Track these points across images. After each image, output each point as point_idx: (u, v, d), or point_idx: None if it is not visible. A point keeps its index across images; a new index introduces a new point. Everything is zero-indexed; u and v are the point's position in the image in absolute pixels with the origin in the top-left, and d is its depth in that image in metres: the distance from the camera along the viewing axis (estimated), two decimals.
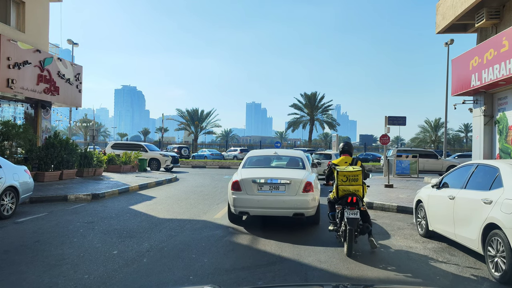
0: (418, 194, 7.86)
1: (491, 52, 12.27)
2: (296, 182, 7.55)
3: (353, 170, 6.20)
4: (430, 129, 58.78)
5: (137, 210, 9.92)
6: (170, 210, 10.14)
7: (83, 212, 9.51)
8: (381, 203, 10.72)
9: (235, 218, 8.36)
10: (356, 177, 6.17)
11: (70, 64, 17.79)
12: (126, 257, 5.78)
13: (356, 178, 6.17)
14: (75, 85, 18.12)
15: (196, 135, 55.05)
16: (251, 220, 8.92)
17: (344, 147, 7.13)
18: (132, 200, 11.74)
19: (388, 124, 21.18)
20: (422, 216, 7.47)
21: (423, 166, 24.02)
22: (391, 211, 10.39)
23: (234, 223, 8.33)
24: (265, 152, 9.97)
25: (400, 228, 8.29)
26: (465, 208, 5.81)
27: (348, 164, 6.66)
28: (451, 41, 32.18)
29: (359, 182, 6.19)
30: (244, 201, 7.65)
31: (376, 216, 9.73)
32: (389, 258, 6.09)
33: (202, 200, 12.09)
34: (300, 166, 8.83)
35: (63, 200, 11.05)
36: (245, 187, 7.65)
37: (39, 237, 6.99)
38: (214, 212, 9.91)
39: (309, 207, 7.58)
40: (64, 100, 17.39)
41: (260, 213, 7.81)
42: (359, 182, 6.20)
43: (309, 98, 53.16)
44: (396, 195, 12.60)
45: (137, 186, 14.35)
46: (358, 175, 6.19)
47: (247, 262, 5.78)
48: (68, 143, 14.89)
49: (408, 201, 11.08)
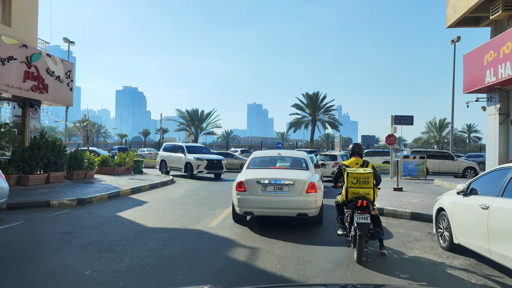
0: (439, 201, 6.92)
1: (508, 46, 11.35)
2: (300, 182, 7.66)
3: (364, 172, 5.92)
4: (435, 129, 57.74)
5: (124, 218, 9.00)
6: (161, 217, 9.22)
7: (64, 220, 8.59)
8: (392, 209, 9.78)
9: (239, 218, 8.49)
10: (367, 180, 5.88)
11: (60, 61, 16.89)
12: (99, 279, 4.86)
13: (366, 180, 5.88)
14: (65, 82, 17.22)
15: (196, 136, 54.19)
16: (252, 223, 8.03)
17: (354, 148, 6.80)
18: (121, 205, 10.83)
19: (394, 124, 20.23)
20: (445, 227, 6.52)
21: (438, 167, 23.00)
22: (404, 218, 9.45)
23: (238, 223, 8.36)
24: (269, 153, 10.14)
25: (418, 239, 7.35)
26: (505, 220, 4.86)
27: (359, 166, 6.38)
28: (457, 39, 31.23)
29: (370, 185, 5.90)
30: (248, 202, 7.79)
31: (388, 224, 8.79)
32: (402, 264, 5.56)
33: (198, 205, 11.18)
34: (303, 167, 8.91)
35: (45, 206, 10.14)
36: (249, 187, 7.78)
37: (5, 251, 6.07)
38: (209, 219, 8.99)
39: (313, 207, 7.68)
40: (54, 99, 16.49)
41: (264, 213, 7.90)
42: (370, 184, 5.90)
43: (311, 98, 52.32)
44: (407, 199, 11.65)
45: (129, 189, 13.44)
46: (369, 177, 5.90)
47: (243, 281, 4.87)
48: (55, 144, 13.94)
49: (422, 207, 10.14)
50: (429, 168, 22.70)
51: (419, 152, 23.92)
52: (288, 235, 7.50)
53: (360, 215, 5.67)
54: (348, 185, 5.96)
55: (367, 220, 5.64)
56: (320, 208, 8.06)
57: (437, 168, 22.96)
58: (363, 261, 5.65)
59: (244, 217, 8.41)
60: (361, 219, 5.64)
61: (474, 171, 22.68)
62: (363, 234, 5.55)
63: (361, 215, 5.67)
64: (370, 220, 5.71)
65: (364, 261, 5.66)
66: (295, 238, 7.28)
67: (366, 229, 5.61)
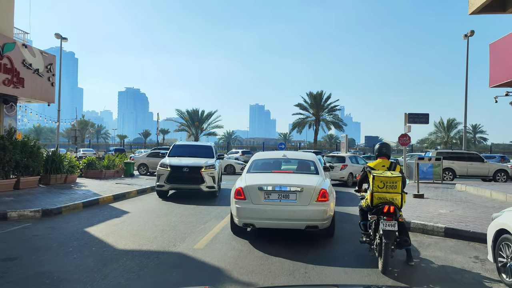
0: (499, 220, 5.16)
1: None
2: (309, 189, 6.68)
3: (391, 175, 5.49)
4: (443, 129, 55.90)
5: (92, 235, 7.29)
6: (138, 233, 7.51)
7: (14, 240, 6.90)
8: (421, 223, 8.04)
9: (238, 230, 7.44)
10: (395, 184, 5.46)
11: (39, 53, 15.25)
12: None
13: (394, 185, 5.46)
14: (46, 77, 15.58)
15: (197, 137, 52.71)
16: (252, 236, 6.34)
17: (381, 149, 6.24)
18: (95, 217, 9.13)
19: (408, 122, 18.38)
20: (511, 256, 4.79)
21: (466, 170, 21.15)
22: (436, 235, 7.69)
23: (237, 236, 7.32)
24: (273, 154, 9.30)
25: (465, 269, 5.60)
26: None
27: (386, 169, 5.93)
28: (471, 33, 29.49)
29: (398, 190, 5.47)
30: (249, 212, 6.76)
31: (419, 243, 7.04)
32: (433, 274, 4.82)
33: (188, 216, 9.47)
34: (312, 171, 7.91)
35: (1, 219, 8.45)
36: (250, 195, 6.78)
37: None
38: (197, 236, 7.28)
39: (324, 218, 6.69)
40: (32, 94, 14.85)
41: (267, 225, 6.85)
42: (398, 189, 5.47)
43: (315, 98, 50.81)
44: (434, 209, 9.90)
45: (111, 196, 11.73)
46: (397, 181, 5.46)
47: None
48: (26, 144, 12.23)
49: (457, 220, 8.38)
50: (456, 171, 21.00)
51: (446, 153, 22.17)
52: (296, 253, 6.23)
53: (387, 222, 5.24)
54: (373, 189, 5.52)
55: (394, 227, 5.21)
56: (332, 218, 7.08)
57: (465, 170, 21.10)
58: (389, 271, 5.23)
59: (244, 228, 7.29)
60: (388, 226, 5.20)
61: (506, 174, 20.88)
62: (389, 243, 5.15)
63: (388, 222, 5.23)
64: (397, 227, 5.26)
65: (389, 271, 5.25)
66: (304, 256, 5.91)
67: (393, 237, 5.21)
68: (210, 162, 12.90)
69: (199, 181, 12.30)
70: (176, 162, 12.65)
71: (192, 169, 12.34)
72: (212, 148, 14.63)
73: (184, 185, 12.48)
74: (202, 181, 12.29)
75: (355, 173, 18.71)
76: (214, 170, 12.65)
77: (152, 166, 20.30)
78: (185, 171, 12.29)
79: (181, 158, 13.38)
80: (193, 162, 12.70)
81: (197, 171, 12.30)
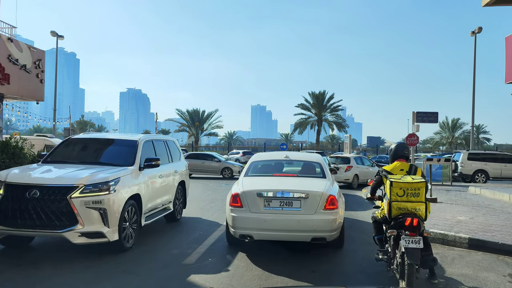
0: None
1: None
2: (316, 196, 5.90)
3: (413, 181, 4.65)
4: (447, 129, 55.01)
5: None
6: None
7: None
8: (441, 233, 7.15)
9: (233, 241, 6.56)
10: (417, 191, 4.64)
11: (27, 48, 14.45)
12: None
13: (417, 192, 4.64)
14: (34, 73, 14.77)
15: (197, 137, 51.89)
16: (250, 247, 5.47)
17: (398, 149, 5.31)
18: None
19: (416, 121, 17.47)
20: None
21: (499, 172, 20.33)
22: (459, 247, 6.80)
23: (232, 248, 6.47)
24: (274, 155, 8.44)
25: None
26: None
27: (405, 173, 5.01)
28: (479, 29, 28.67)
29: (421, 198, 4.65)
30: (246, 221, 5.92)
31: (442, 257, 6.13)
32: None
33: (171, 227, 8.62)
34: (318, 174, 7.06)
35: None
36: (247, 202, 5.95)
37: None
38: (189, 247, 6.41)
39: (333, 228, 5.88)
40: (19, 92, 14.05)
41: (268, 237, 6.05)
42: (421, 197, 4.65)
43: (317, 98, 50.02)
44: (451, 216, 9.00)
45: None
46: (420, 188, 4.65)
47: None
48: (7, 145, 11.39)
49: (481, 229, 7.48)
50: (489, 173, 20.17)
51: (478, 154, 21.38)
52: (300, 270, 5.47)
53: (410, 238, 4.40)
54: (391, 198, 4.69)
55: (419, 244, 4.36)
56: (342, 227, 6.30)
57: (499, 172, 20.23)
58: None
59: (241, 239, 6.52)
60: (411, 243, 4.35)
61: None
62: (413, 264, 4.26)
63: (411, 238, 4.39)
64: (423, 244, 4.39)
65: None
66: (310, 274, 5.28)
67: (418, 257, 4.35)
68: (112, 175, 6.10)
69: (62, 220, 5.58)
70: (22, 176, 6.04)
71: (48, 192, 5.65)
72: (137, 145, 7.24)
73: (24, 230, 5.71)
74: (70, 221, 5.57)
75: (360, 175, 17.83)
76: (108, 196, 5.82)
77: None
78: (30, 197, 5.59)
79: (60, 165, 6.82)
80: (62, 174, 6.11)
81: (60, 198, 5.60)
